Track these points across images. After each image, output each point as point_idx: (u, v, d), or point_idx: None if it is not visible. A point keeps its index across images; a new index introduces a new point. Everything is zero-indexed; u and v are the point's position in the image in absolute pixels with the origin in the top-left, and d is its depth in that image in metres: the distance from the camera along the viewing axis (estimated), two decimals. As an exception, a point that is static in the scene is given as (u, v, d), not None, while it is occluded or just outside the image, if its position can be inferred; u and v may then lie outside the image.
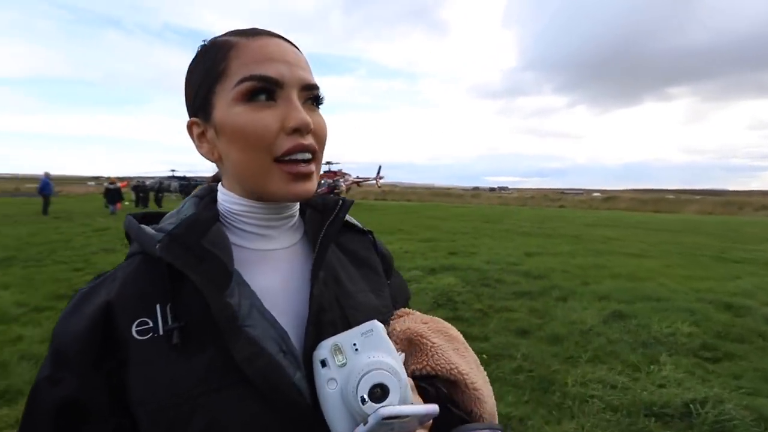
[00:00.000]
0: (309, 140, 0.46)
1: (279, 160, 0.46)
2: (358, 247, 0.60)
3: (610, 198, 34.96)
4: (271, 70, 0.45)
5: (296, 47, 0.50)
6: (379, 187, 33.52)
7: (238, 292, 0.45)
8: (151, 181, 23.81)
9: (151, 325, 0.43)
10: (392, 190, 43.12)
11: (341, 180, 25.08)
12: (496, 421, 0.55)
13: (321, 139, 0.49)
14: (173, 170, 25.77)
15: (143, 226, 0.49)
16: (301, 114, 0.45)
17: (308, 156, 0.47)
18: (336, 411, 0.41)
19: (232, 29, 0.50)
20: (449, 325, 0.60)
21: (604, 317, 3.99)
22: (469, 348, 0.58)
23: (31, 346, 3.14)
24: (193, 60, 0.50)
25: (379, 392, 0.40)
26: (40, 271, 5.75)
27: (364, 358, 0.42)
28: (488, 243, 9.06)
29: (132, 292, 0.44)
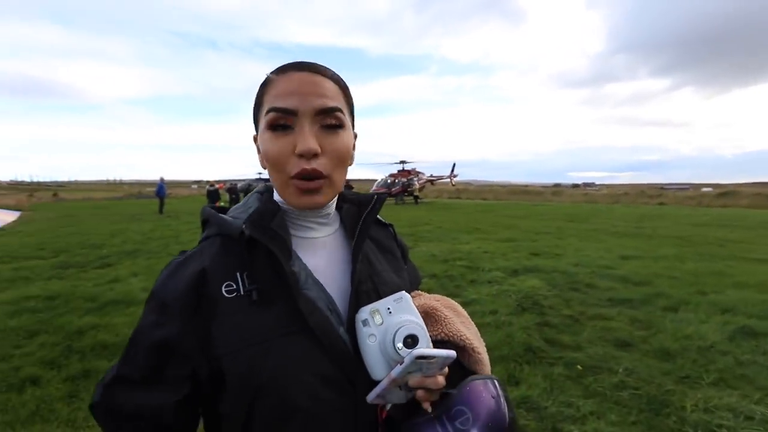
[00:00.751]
0: (313, 164, 0.54)
1: (292, 177, 0.55)
2: (382, 236, 0.73)
3: (726, 193, 29.68)
4: (287, 102, 0.54)
5: (328, 75, 0.58)
6: (453, 185, 32.85)
7: (297, 264, 0.57)
8: (242, 183, 26.39)
9: (234, 287, 0.54)
10: (466, 189, 41.97)
11: (415, 179, 25.06)
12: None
13: (336, 158, 0.56)
14: (259, 173, 28.19)
15: (223, 215, 0.61)
16: (305, 141, 0.53)
17: (313, 176, 0.55)
18: (375, 359, 0.53)
19: (280, 65, 0.59)
20: (456, 303, 0.71)
21: (729, 333, 3.40)
22: (472, 322, 0.69)
23: (155, 326, 3.66)
24: (258, 89, 0.61)
25: (411, 341, 0.51)
26: (159, 261, 6.68)
27: (397, 318, 0.53)
28: (575, 244, 8.32)
29: (220, 262, 0.56)
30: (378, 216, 0.71)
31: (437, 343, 0.61)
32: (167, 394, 0.53)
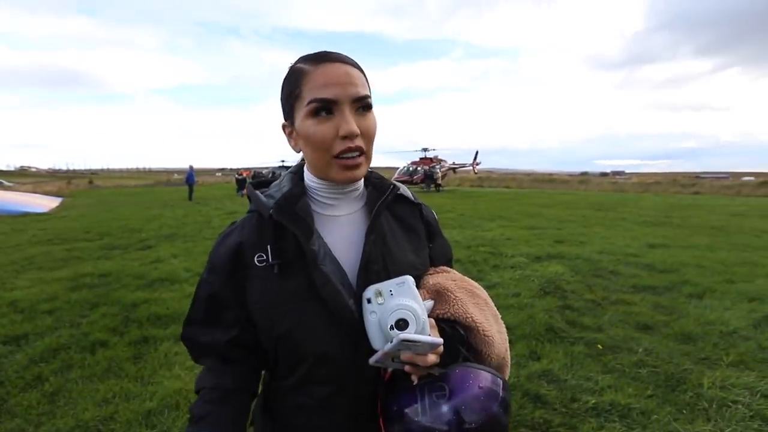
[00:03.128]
0: (356, 143, 0.63)
1: (335, 157, 0.63)
2: (408, 215, 0.77)
3: None
4: (328, 93, 0.62)
5: (354, 65, 0.66)
6: (475, 173, 32.49)
7: (318, 243, 0.66)
8: (266, 170, 27.08)
9: (264, 257, 0.66)
10: (489, 177, 41.29)
11: (437, 166, 24.96)
12: (507, 361, 0.71)
13: (369, 137, 0.65)
14: (283, 161, 28.77)
15: (258, 193, 0.72)
16: (350, 125, 0.62)
17: (356, 153, 0.64)
18: (374, 333, 0.61)
19: (307, 54, 0.66)
20: (476, 285, 0.75)
21: (754, 320, 3.42)
22: (490, 305, 0.73)
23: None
24: (284, 79, 0.68)
25: (402, 324, 0.57)
26: (195, 244, 7.08)
27: (397, 300, 0.60)
28: (600, 232, 8.24)
29: (255, 236, 0.68)
30: (409, 194, 0.79)
31: (443, 321, 0.66)
32: (220, 334, 0.68)
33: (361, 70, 0.67)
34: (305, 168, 0.73)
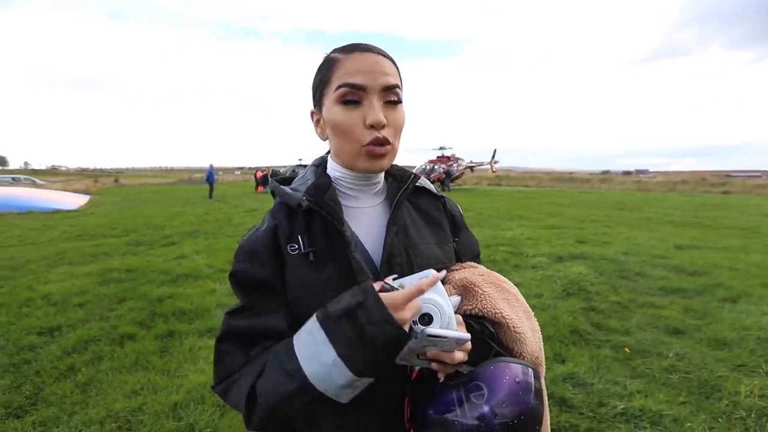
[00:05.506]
0: (384, 133, 0.62)
1: (362, 146, 0.63)
2: (431, 208, 0.77)
3: (804, 182, 26.50)
4: (357, 79, 0.61)
5: (385, 55, 0.65)
6: (493, 171, 32.06)
7: (348, 230, 0.65)
8: (284, 169, 27.53)
9: (296, 247, 0.65)
10: (507, 176, 40.63)
11: (455, 165, 24.75)
12: (542, 360, 0.68)
13: (396, 128, 0.65)
14: (300, 159, 29.15)
15: (284, 187, 0.71)
16: (377, 114, 0.61)
17: (382, 143, 0.63)
18: None
19: (342, 45, 0.66)
20: (505, 280, 0.72)
21: (794, 326, 3.25)
22: (521, 300, 0.70)
23: (222, 297, 4.05)
24: (318, 67, 0.68)
25: (427, 319, 0.55)
26: (217, 241, 7.23)
27: (420, 295, 0.56)
28: (624, 232, 7.99)
29: (287, 226, 0.67)
30: (431, 187, 0.78)
31: (471, 317, 0.64)
32: (276, 320, 0.63)
33: (393, 62, 0.66)
34: (329, 159, 0.73)
